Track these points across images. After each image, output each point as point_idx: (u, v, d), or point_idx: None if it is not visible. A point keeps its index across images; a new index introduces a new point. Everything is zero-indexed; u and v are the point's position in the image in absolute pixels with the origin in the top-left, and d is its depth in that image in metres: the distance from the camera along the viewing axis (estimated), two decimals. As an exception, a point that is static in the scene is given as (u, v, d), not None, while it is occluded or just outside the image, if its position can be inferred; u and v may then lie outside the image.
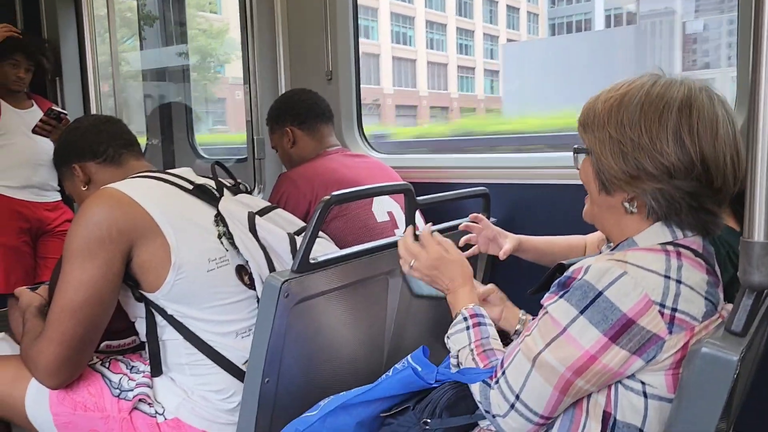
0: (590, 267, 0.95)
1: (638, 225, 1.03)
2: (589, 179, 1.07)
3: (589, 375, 0.94)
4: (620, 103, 0.99)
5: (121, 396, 1.44)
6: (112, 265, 1.35)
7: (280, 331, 1.34)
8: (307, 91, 2.16)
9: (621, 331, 0.92)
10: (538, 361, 0.96)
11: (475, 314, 1.20)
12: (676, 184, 0.96)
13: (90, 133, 1.61)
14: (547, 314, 0.98)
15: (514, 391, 0.98)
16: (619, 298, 0.92)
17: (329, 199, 1.39)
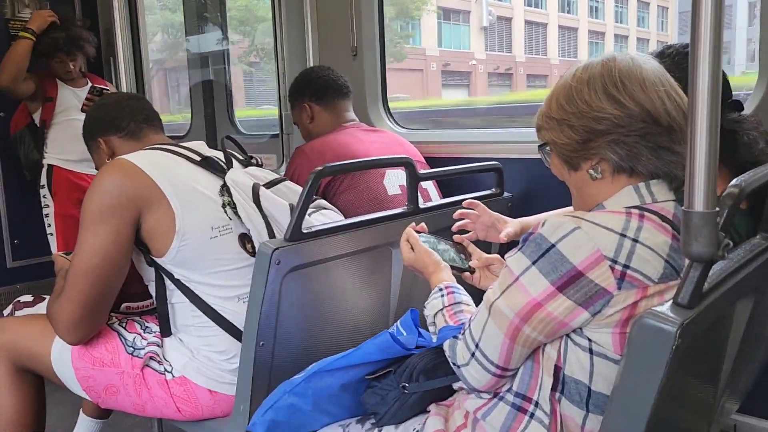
0: (546, 221, 1.00)
1: (609, 189, 1.07)
2: (560, 169, 1.13)
3: (535, 322, 0.98)
4: (555, 93, 1.09)
5: (135, 354, 1.55)
6: (122, 231, 1.45)
7: (273, 297, 1.40)
8: (325, 68, 2.20)
9: (569, 282, 0.95)
10: (493, 308, 1.02)
11: (449, 286, 1.27)
12: (625, 131, 1.02)
13: (113, 109, 1.71)
14: (506, 266, 1.04)
15: (475, 340, 1.05)
16: (571, 251, 0.96)
17: (321, 170, 1.44)
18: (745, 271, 1.03)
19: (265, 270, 1.36)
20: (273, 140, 2.99)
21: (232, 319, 1.53)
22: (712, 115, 0.79)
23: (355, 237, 1.55)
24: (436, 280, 1.33)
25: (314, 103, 2.14)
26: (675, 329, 0.81)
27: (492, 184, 2.01)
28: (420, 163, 2.11)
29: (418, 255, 1.39)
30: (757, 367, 1.44)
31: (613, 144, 1.02)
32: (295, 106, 2.19)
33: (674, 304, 0.85)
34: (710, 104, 0.78)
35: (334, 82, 2.14)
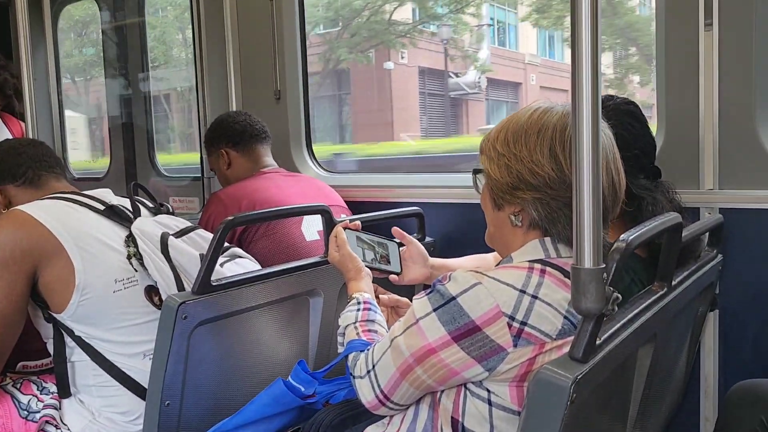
0: (453, 275, 1.02)
1: (521, 239, 1.09)
2: (486, 201, 1.15)
3: (427, 365, 1.00)
4: (507, 126, 1.09)
5: (29, 418, 1.45)
6: (16, 286, 1.37)
7: (180, 353, 1.34)
8: (242, 113, 2.18)
9: (466, 334, 0.97)
10: (394, 342, 1.05)
11: (368, 302, 1.29)
12: (553, 194, 1.03)
13: (9, 156, 1.63)
14: (411, 306, 1.06)
15: (374, 360, 1.09)
16: (470, 305, 0.97)
17: (232, 219, 1.40)
18: (642, 320, 1.05)
19: (170, 325, 1.30)
20: (195, 183, 2.92)
21: (137, 377, 1.45)
22: (595, 176, 0.81)
23: (271, 287, 1.52)
24: (354, 287, 1.35)
25: (231, 149, 2.11)
26: (569, 384, 0.81)
27: (414, 229, 2.02)
28: (340, 207, 2.10)
29: (342, 258, 1.40)
30: (665, 411, 1.47)
31: (537, 202, 1.04)
32: (212, 152, 2.16)
33: (569, 358, 0.86)
34: (592, 165, 0.81)
35: (251, 127, 2.12)
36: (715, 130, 1.67)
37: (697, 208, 1.69)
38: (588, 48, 0.81)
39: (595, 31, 0.81)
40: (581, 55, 0.80)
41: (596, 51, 0.82)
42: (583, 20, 0.81)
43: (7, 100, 2.86)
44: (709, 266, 1.44)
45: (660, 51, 1.76)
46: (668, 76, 1.74)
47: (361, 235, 1.46)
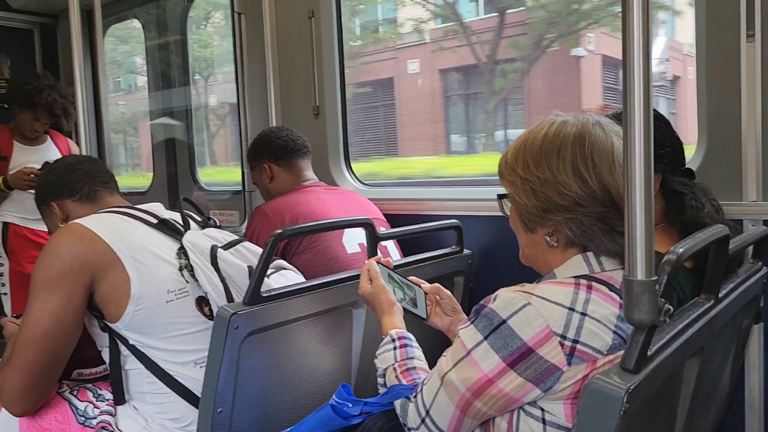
0: (498, 296, 1.01)
1: (561, 257, 1.09)
2: (516, 224, 1.15)
3: (486, 398, 0.98)
4: (524, 147, 1.08)
5: (86, 424, 1.50)
6: (74, 297, 1.42)
7: (232, 362, 1.38)
8: (283, 129, 2.23)
9: (520, 358, 0.95)
10: (445, 379, 1.02)
11: (402, 337, 1.28)
12: (585, 211, 1.02)
13: (66, 172, 1.70)
14: (459, 338, 1.04)
15: (426, 406, 1.05)
16: (521, 327, 0.96)
17: (280, 233, 1.44)
18: (690, 332, 1.06)
19: (223, 335, 1.35)
20: (235, 196, 3.00)
21: (188, 385, 1.50)
22: (646, 188, 0.83)
23: (316, 298, 1.55)
24: (388, 323, 1.34)
25: (273, 164, 2.16)
26: (622, 394, 0.83)
27: (452, 240, 2.04)
28: (380, 220, 2.13)
29: (375, 290, 1.39)
30: (710, 424, 1.47)
31: (570, 221, 1.03)
32: (255, 167, 2.22)
33: (621, 369, 0.87)
34: (644, 178, 0.82)
35: (293, 142, 2.17)
36: (758, 142, 1.66)
37: (740, 220, 1.68)
38: (640, 64, 0.82)
39: (646, 45, 0.82)
40: (632, 71, 0.82)
41: (648, 67, 0.82)
42: (635, 33, 0.82)
43: (56, 118, 2.98)
44: (754, 279, 1.44)
45: (701, 62, 1.76)
46: (709, 87, 1.74)
47: (392, 273, 1.47)
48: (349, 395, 1.28)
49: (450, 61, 4.85)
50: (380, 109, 5.32)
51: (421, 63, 5.05)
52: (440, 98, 4.99)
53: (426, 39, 4.78)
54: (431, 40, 4.80)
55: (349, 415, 1.22)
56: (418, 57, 5.07)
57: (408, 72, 5.23)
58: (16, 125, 3.01)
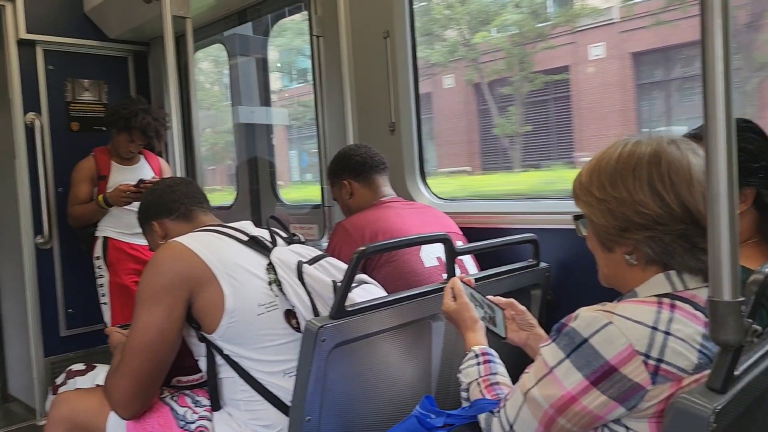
0: (579, 315, 1.03)
1: (641, 276, 1.09)
2: (594, 244, 1.16)
3: (570, 414, 1.00)
4: (598, 167, 1.09)
5: (185, 427, 1.61)
6: (175, 310, 1.54)
7: (319, 372, 1.45)
8: (362, 146, 2.31)
9: (603, 377, 0.97)
10: (528, 396, 1.04)
11: (486, 353, 1.31)
12: (665, 229, 1.03)
13: (165, 193, 1.84)
14: (540, 355, 1.06)
15: (510, 421, 1.07)
16: (603, 346, 0.97)
17: (364, 250, 1.51)
18: (780, 352, 1.04)
19: (311, 347, 1.42)
20: (314, 211, 3.11)
21: (278, 393, 1.58)
22: (731, 207, 0.83)
23: (397, 312, 1.61)
24: (472, 339, 1.37)
25: (353, 180, 2.24)
26: (709, 414, 0.83)
27: (528, 254, 2.05)
28: (456, 234, 2.17)
29: (459, 307, 1.43)
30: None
31: (650, 240, 1.04)
32: (335, 183, 2.30)
33: (707, 389, 0.88)
34: (728, 197, 0.83)
35: (371, 159, 2.25)
36: None
37: None
38: (721, 74, 0.82)
39: (727, 59, 0.82)
40: (714, 82, 0.82)
41: (728, 77, 0.83)
42: (715, 49, 0.82)
43: (149, 140, 3.19)
44: None
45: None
46: None
47: (473, 292, 1.50)
48: (433, 406, 1.32)
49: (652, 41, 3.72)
50: (550, 104, 4.43)
51: (607, 46, 4.03)
52: (631, 87, 3.97)
53: (615, 17, 3.96)
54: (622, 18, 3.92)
55: (433, 426, 1.27)
56: (603, 40, 4.08)
57: (590, 58, 4.18)
58: (114, 146, 3.25)
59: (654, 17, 3.65)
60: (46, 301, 3.43)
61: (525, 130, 4.41)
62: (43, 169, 3.34)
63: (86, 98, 3.57)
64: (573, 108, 4.23)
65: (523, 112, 4.46)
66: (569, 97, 4.31)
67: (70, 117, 3.51)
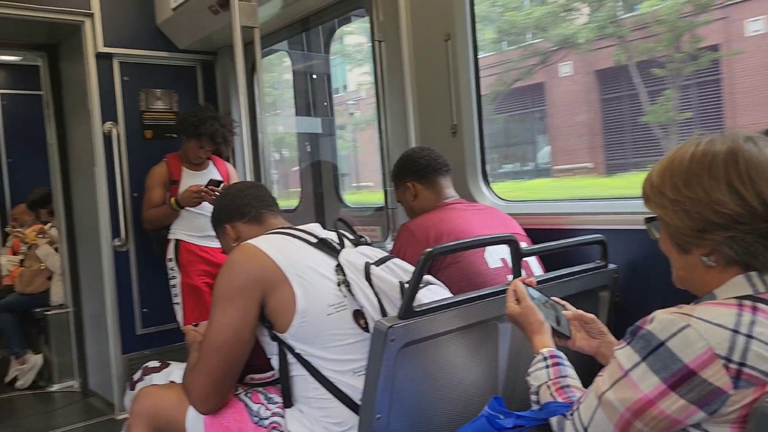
0: (655, 318, 1.01)
1: (720, 278, 1.07)
2: (668, 246, 1.14)
3: (647, 418, 0.99)
4: (671, 168, 1.07)
5: (259, 423, 1.68)
6: (249, 310, 1.60)
7: (389, 371, 1.48)
8: (425, 149, 2.33)
9: (681, 380, 0.95)
10: (603, 399, 1.04)
11: (554, 355, 1.30)
12: (746, 228, 1.00)
13: (237, 197, 1.92)
14: (615, 358, 1.05)
15: (584, 424, 1.07)
16: (681, 349, 0.96)
17: (430, 251, 1.53)
18: None
19: (380, 346, 1.45)
20: (378, 213, 3.15)
21: (348, 392, 1.62)
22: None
23: (463, 312, 1.62)
24: (539, 342, 1.36)
25: (417, 182, 2.26)
26: None
27: (595, 255, 2.03)
28: (520, 235, 2.16)
29: (523, 310, 1.41)
30: None
31: (730, 240, 1.01)
32: (399, 185, 2.33)
33: None
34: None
35: (434, 161, 2.26)
36: None
37: None
38: None
39: None
40: None
41: None
42: None
43: (217, 145, 3.32)
44: None
45: None
46: None
47: (534, 292, 1.49)
48: (501, 407, 1.33)
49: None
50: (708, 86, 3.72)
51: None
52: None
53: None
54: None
55: (502, 427, 1.27)
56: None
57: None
58: (184, 152, 3.39)
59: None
60: (123, 301, 3.61)
61: (683, 118, 3.72)
62: (120, 176, 3.52)
63: (158, 107, 3.74)
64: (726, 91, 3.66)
65: (679, 96, 3.85)
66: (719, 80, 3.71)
67: (144, 125, 3.69)
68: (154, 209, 3.34)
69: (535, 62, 5.02)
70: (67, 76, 3.90)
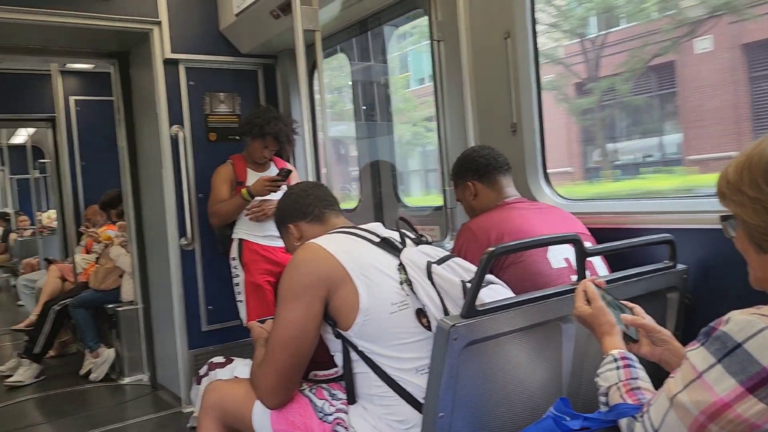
0: (731, 318, 0.99)
1: None
2: (745, 245, 1.10)
3: (723, 422, 0.96)
4: (749, 165, 1.04)
5: (324, 419, 1.71)
6: (314, 307, 1.64)
7: (452, 370, 1.49)
8: (485, 147, 2.32)
9: (760, 383, 0.93)
10: (675, 401, 1.02)
11: (625, 357, 1.28)
12: None
13: (300, 197, 1.96)
14: (687, 360, 1.03)
15: (654, 426, 1.05)
16: (760, 352, 0.93)
17: (492, 251, 1.53)
18: None
19: (443, 345, 1.46)
20: (436, 213, 3.15)
21: (411, 390, 1.63)
22: None
23: (526, 312, 1.61)
24: (609, 344, 1.34)
25: (477, 181, 2.25)
26: None
27: (660, 255, 1.97)
28: (584, 235, 2.12)
29: (594, 311, 1.40)
30: None
31: None
32: (458, 185, 2.32)
33: None
34: None
35: (494, 160, 2.25)
36: None
37: None
38: None
39: None
40: None
41: None
42: None
43: (281, 144, 3.40)
44: None
45: None
46: None
47: (605, 294, 1.47)
48: (568, 408, 1.31)
49: None
50: None
51: None
52: None
53: None
54: None
55: (569, 428, 1.26)
56: None
57: None
58: (248, 153, 3.49)
59: None
60: (189, 298, 3.74)
61: None
62: (186, 177, 3.64)
63: (222, 110, 3.85)
64: None
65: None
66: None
67: (208, 128, 3.81)
68: (224, 202, 3.41)
69: (681, 34, 4.25)
70: (136, 82, 4.07)
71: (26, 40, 3.76)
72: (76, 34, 3.58)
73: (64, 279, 5.53)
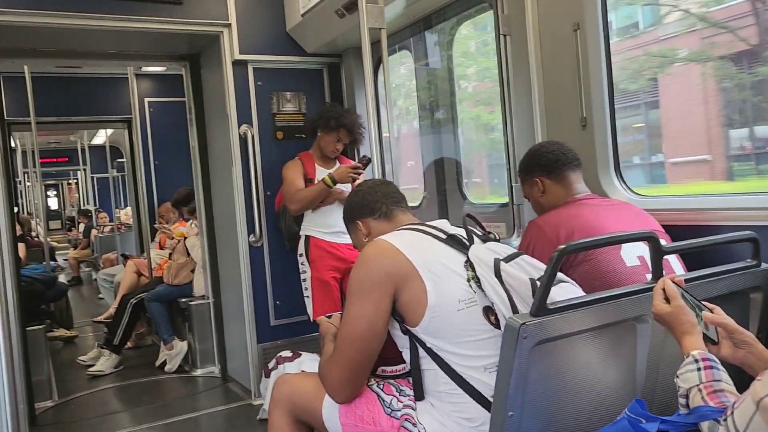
0: None
1: None
2: None
3: None
4: None
5: (392, 414, 1.72)
6: (382, 303, 1.65)
7: (521, 369, 1.47)
8: (553, 143, 2.26)
9: None
10: (762, 405, 0.98)
11: (706, 358, 1.24)
12: None
13: (368, 194, 1.98)
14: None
15: (739, 430, 1.02)
16: None
17: (563, 248, 1.49)
18: None
19: (513, 344, 1.44)
20: (502, 209, 3.11)
21: (479, 388, 1.62)
22: None
23: (599, 312, 1.57)
24: (689, 344, 1.30)
25: (545, 178, 2.21)
26: None
27: (742, 253, 1.88)
28: (659, 232, 2.05)
29: (674, 310, 1.36)
30: None
31: None
32: (526, 181, 2.28)
33: None
34: None
35: (563, 156, 2.20)
36: None
37: None
38: None
39: None
40: None
41: None
42: None
43: (354, 136, 3.45)
44: None
45: None
46: None
47: (684, 293, 1.42)
48: (644, 410, 1.28)
49: None
50: None
51: None
52: None
53: None
54: None
55: (645, 431, 1.22)
56: None
57: None
58: (318, 148, 3.54)
59: None
60: (257, 293, 3.84)
61: None
62: (254, 175, 3.74)
63: (288, 109, 3.93)
64: None
65: None
66: None
67: (276, 127, 3.89)
68: (306, 188, 3.44)
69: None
70: (206, 83, 4.21)
71: (105, 45, 3.95)
72: (151, 38, 3.73)
73: (140, 274, 5.79)
